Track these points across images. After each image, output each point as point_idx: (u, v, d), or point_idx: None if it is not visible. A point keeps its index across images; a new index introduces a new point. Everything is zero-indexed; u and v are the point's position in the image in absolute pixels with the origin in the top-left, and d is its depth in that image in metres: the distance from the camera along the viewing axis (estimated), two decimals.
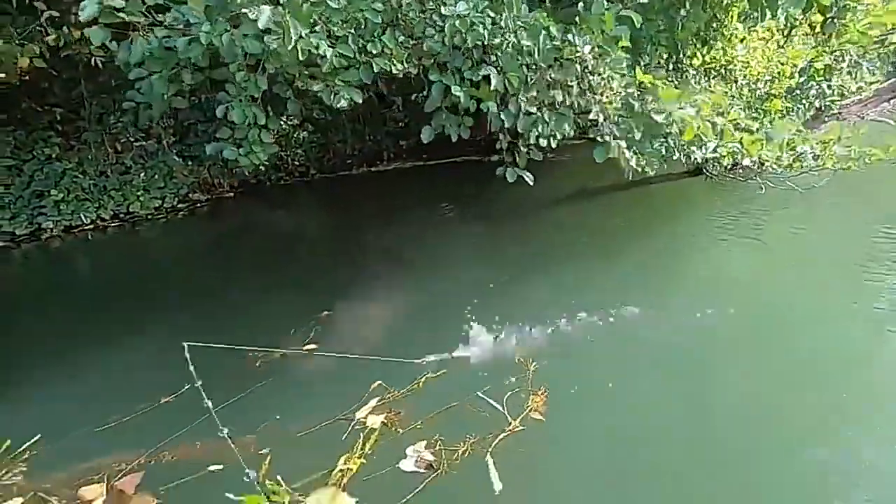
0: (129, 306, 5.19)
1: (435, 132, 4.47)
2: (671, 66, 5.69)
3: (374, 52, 4.01)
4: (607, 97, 4.08)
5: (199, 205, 8.62)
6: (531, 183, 4.66)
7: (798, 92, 6.64)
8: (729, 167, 6.00)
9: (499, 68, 4.07)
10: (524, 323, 4.15)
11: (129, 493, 2.49)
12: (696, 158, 4.63)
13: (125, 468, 2.59)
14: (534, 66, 4.24)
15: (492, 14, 4.22)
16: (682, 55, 5.63)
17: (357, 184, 10.31)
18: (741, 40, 6.26)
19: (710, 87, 5.98)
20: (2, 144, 7.12)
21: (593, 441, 2.72)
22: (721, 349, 3.74)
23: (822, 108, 6.61)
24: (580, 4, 4.35)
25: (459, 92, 4.22)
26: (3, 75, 6.24)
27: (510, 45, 3.98)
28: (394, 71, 4.03)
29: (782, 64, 6.67)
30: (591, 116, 4.16)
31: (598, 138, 4.10)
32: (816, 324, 4.07)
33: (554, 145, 4.18)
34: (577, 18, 4.29)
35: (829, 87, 6.51)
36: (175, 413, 3.06)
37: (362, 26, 3.99)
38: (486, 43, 4.08)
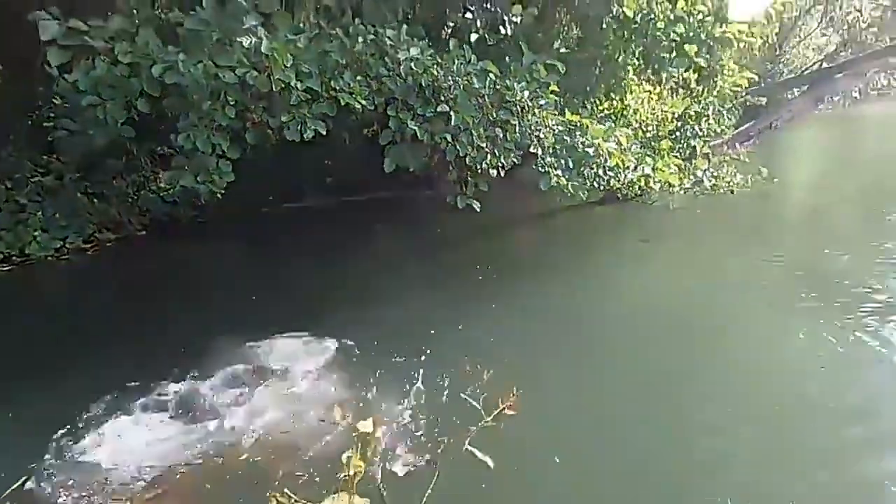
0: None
1: (394, 164, 4.80)
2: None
3: (337, 88, 4.30)
4: (543, 133, 4.72)
5: (107, 244, 7.96)
6: (478, 210, 5.13)
7: (678, 134, 8.03)
8: (637, 193, 7.04)
9: (451, 107, 4.55)
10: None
11: None
12: (614, 184, 5.48)
13: None
14: (480, 107, 4.80)
15: (439, 59, 4.74)
16: (591, 103, 6.60)
17: (276, 221, 10.14)
18: (631, 92, 7.49)
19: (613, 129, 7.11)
20: None
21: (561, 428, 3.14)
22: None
23: (697, 147, 8.03)
24: (509, 57, 5.04)
25: (415, 126, 4.62)
26: None
27: (462, 86, 4.48)
28: (356, 106, 4.34)
29: (664, 111, 8.08)
30: (532, 150, 4.78)
31: (539, 169, 4.70)
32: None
33: (502, 174, 4.70)
34: (511, 68, 4.95)
35: (700, 129, 7.99)
36: None
37: (325, 65, 4.28)
38: (439, 84, 4.55)
